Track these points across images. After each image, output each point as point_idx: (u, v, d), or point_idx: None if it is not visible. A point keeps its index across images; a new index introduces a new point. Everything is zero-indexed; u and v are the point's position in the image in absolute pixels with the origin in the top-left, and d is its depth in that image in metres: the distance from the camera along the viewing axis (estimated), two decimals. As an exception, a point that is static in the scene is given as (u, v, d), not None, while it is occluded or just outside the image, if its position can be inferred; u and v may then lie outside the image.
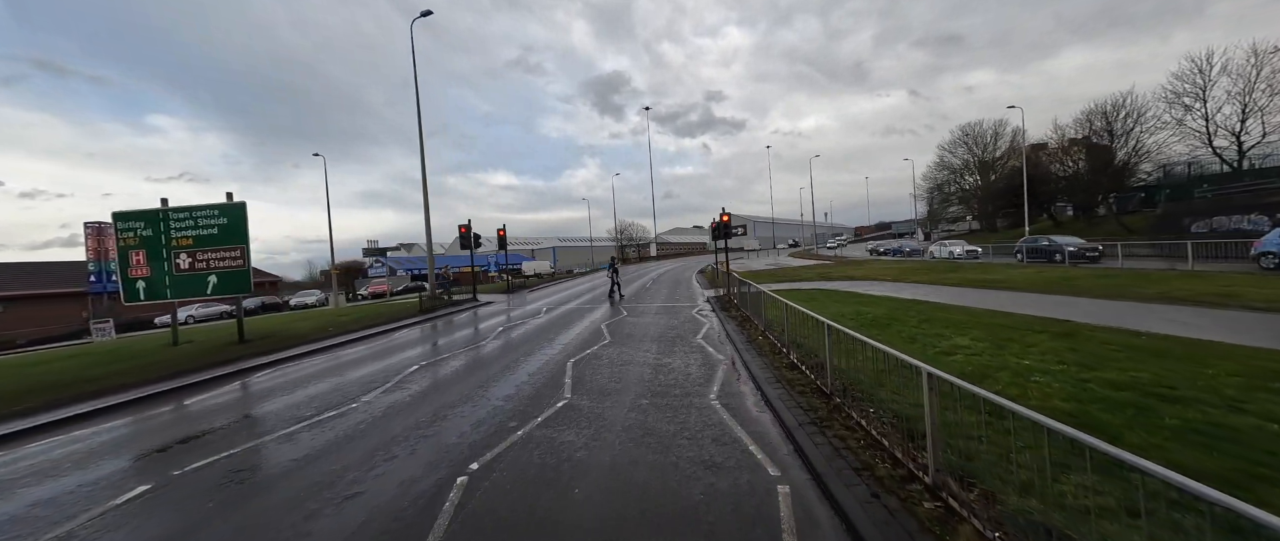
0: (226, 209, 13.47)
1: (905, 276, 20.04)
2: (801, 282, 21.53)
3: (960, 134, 66.08)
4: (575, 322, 14.13)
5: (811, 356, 7.58)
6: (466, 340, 12.18)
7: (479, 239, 21.36)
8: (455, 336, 13.05)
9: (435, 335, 13.70)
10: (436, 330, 14.43)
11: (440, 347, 11.54)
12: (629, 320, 14.15)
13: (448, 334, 13.53)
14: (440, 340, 12.60)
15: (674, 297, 19.96)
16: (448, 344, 11.93)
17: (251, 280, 13.64)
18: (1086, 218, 41.66)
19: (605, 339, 11.15)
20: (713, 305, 16.45)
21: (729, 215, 19.44)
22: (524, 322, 14.75)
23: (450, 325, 15.36)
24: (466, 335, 13.28)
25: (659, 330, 12.12)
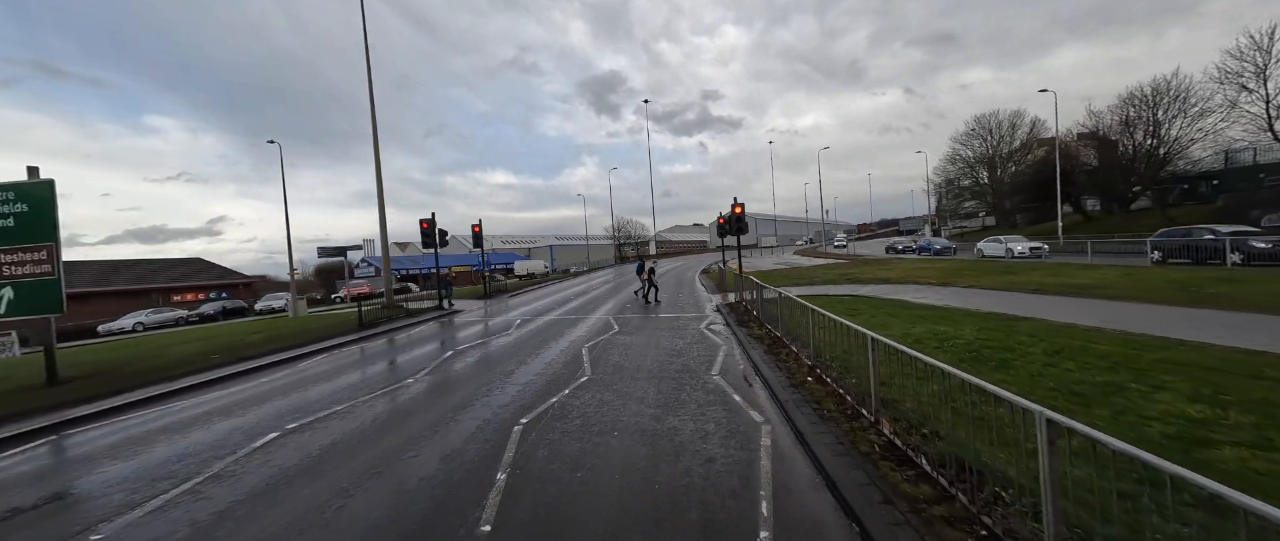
0: (25, 191, 9.23)
1: (955, 279, 16.75)
2: (826, 286, 18.29)
3: (975, 125, 62.93)
4: (550, 344, 10.88)
5: (921, 426, 4.35)
6: (383, 379, 8.62)
7: (445, 235, 18.14)
8: (372, 371, 9.57)
9: (361, 363, 10.43)
10: (361, 357, 11.13)
11: (345, 389, 8.29)
12: (620, 339, 10.91)
13: (369, 364, 10.19)
14: (355, 375, 9.25)
15: (677, 304, 16.72)
16: (358, 384, 8.63)
17: (63, 292, 9.34)
18: (1123, 211, 38.41)
19: (582, 375, 7.90)
20: (725, 316, 13.23)
21: (742, 206, 16.21)
22: (483, 344, 11.48)
23: (384, 348, 12.07)
24: (402, 364, 10.01)
25: (658, 358, 8.88)
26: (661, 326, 12.43)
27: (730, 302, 16.02)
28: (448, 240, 18.26)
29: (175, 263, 48.95)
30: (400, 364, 9.82)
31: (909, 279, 18.18)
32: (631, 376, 7.57)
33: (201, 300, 46.64)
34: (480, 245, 22.11)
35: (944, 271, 19.78)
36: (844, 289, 17.19)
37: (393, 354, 11.02)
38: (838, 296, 15.10)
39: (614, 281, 32.41)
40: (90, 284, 37.62)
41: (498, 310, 17.78)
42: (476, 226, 21.76)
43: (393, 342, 12.30)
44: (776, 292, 10.79)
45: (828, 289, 17.21)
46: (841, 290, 16.89)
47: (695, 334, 11.14)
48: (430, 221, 17.17)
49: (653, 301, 17.23)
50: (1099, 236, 29.71)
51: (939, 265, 22.78)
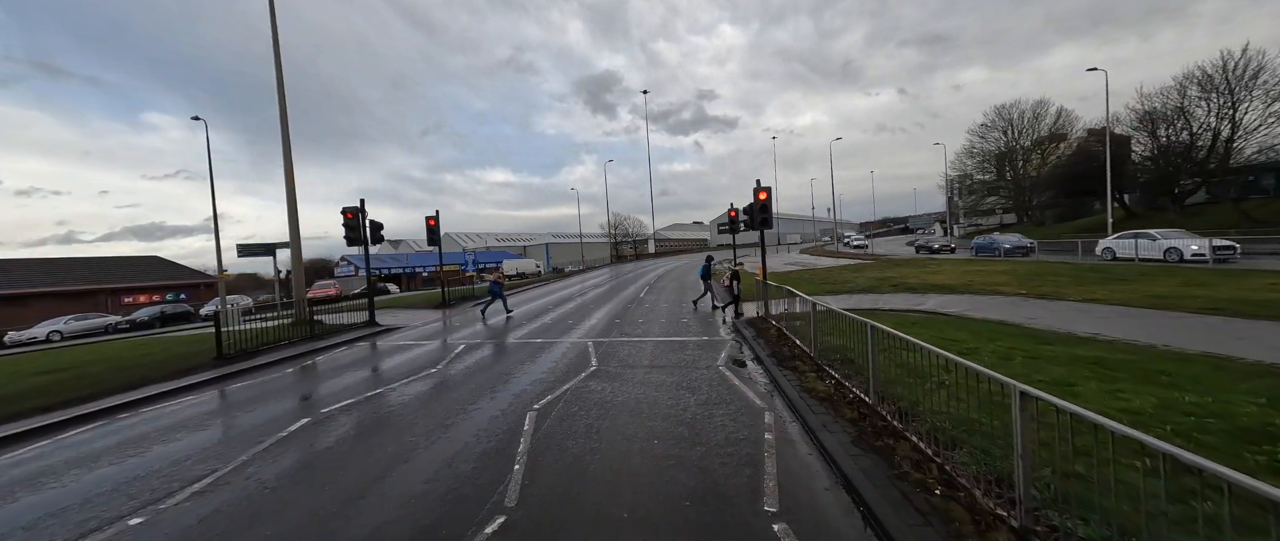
0: None
1: (1068, 290, 12.56)
2: (870, 296, 14.31)
3: (994, 117, 58.95)
4: (479, 402, 6.95)
5: None
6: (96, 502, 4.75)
7: (380, 229, 14.09)
8: (95, 479, 5.62)
9: (137, 448, 6.43)
10: (139, 444, 7.12)
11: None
12: (594, 391, 6.96)
13: (90, 468, 6.18)
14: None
15: (679, 320, 12.75)
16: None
17: None
18: (1178, 207, 34.39)
19: (500, 503, 3.92)
20: (748, 341, 9.30)
21: (768, 191, 12.19)
22: (368, 402, 7.49)
23: (187, 420, 8.05)
24: (169, 456, 6.01)
25: (655, 452, 4.95)
26: (661, 363, 8.42)
27: (749, 319, 12.04)
28: (381, 235, 14.21)
29: (129, 261, 44.90)
30: (167, 456, 5.79)
31: (980, 286, 14.16)
32: (597, 522, 3.60)
33: (159, 301, 42.82)
34: (437, 242, 18.06)
35: (1027, 278, 15.70)
36: (898, 300, 13.20)
37: (174, 436, 6.97)
38: (903, 313, 11.12)
39: (610, 283, 28.38)
40: (19, 284, 33.56)
41: (445, 328, 13.73)
42: (432, 219, 17.70)
43: (224, 397, 8.14)
44: (814, 305, 6.86)
45: (879, 300, 13.22)
46: (896, 301, 12.89)
47: (712, 381, 7.14)
48: (355, 211, 13.13)
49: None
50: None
51: (1019, 270, 18.31)
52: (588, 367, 8.20)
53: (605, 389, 6.90)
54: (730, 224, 21.41)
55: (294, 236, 13.72)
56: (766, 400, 6.15)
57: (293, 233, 13.67)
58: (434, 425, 5.78)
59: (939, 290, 14.33)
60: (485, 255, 70.49)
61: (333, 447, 5.32)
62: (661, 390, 6.75)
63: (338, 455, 5.11)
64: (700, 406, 5.99)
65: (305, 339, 11.61)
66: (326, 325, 12.84)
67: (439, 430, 5.58)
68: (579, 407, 6.14)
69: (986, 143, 60.37)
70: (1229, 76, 29.09)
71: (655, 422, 5.51)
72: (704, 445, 4.85)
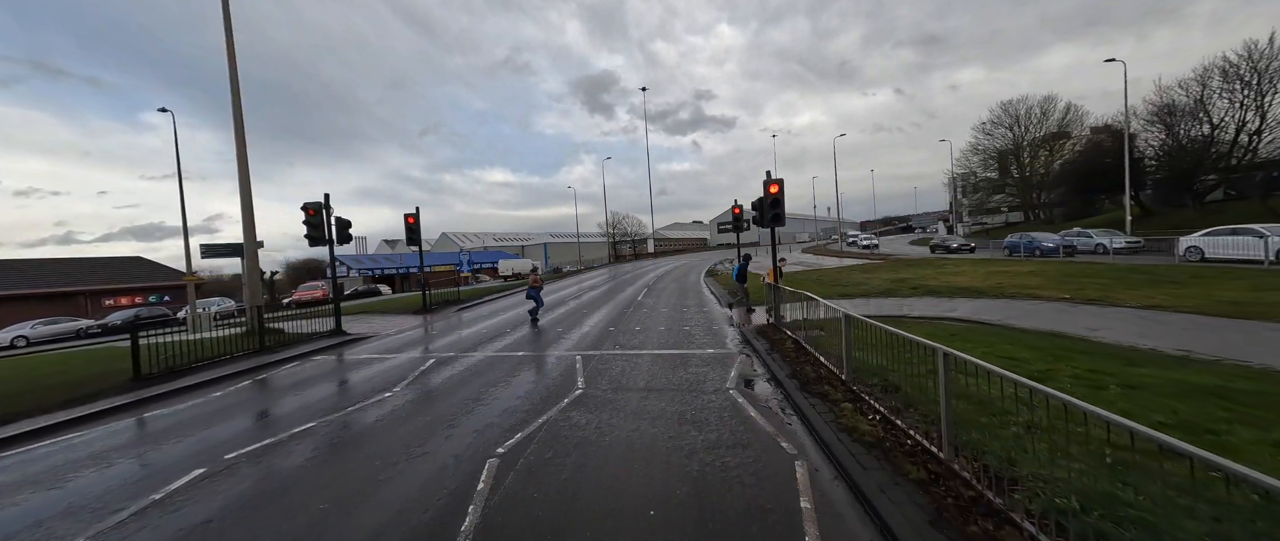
0: None
1: (1119, 293, 11.13)
2: (888, 299, 12.95)
3: (1000, 113, 57.58)
4: (431, 442, 5.59)
5: None
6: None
7: (348, 226, 12.66)
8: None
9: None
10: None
11: None
12: (578, 427, 5.66)
13: None
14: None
15: (681, 327, 11.38)
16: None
17: None
18: (1197, 204, 33.04)
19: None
20: (763, 357, 7.94)
21: (779, 184, 10.84)
22: (306, 436, 6.14)
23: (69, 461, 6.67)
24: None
25: (648, 528, 3.52)
26: (660, 384, 7.06)
27: (760, 327, 10.68)
28: (349, 234, 12.81)
29: (111, 262, 43.46)
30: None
31: (1012, 290, 12.79)
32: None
33: (139, 303, 41.48)
34: (417, 242, 16.63)
35: (1061, 280, 14.33)
36: (923, 305, 11.85)
37: (14, 496, 5.59)
38: (936, 321, 9.76)
39: (607, 284, 27.01)
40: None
41: (419, 338, 12.34)
42: (411, 217, 16.28)
43: (113, 435, 6.79)
44: (845, 316, 5.51)
45: (903, 305, 11.87)
46: (921, 306, 11.55)
47: (722, 411, 5.79)
48: (317, 207, 11.68)
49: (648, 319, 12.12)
50: (1188, 231, 24.36)
51: (1048, 271, 16.66)
52: (572, 390, 6.83)
53: (590, 423, 5.53)
54: (733, 222, 20.05)
55: (248, 234, 12.29)
56: (794, 441, 4.78)
57: (247, 229, 12.25)
58: (363, 482, 4.41)
59: (966, 294, 12.97)
60: (481, 255, 69.03)
61: (210, 523, 3.94)
62: (660, 424, 5.38)
63: (212, 534, 3.74)
64: (709, 451, 4.62)
65: (253, 352, 10.20)
66: (287, 334, 11.46)
67: (361, 495, 4.19)
68: (554, 453, 4.77)
69: (992, 139, 59.00)
70: (1255, 66, 27.75)
71: (652, 477, 4.15)
72: (718, 518, 3.49)
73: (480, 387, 7.25)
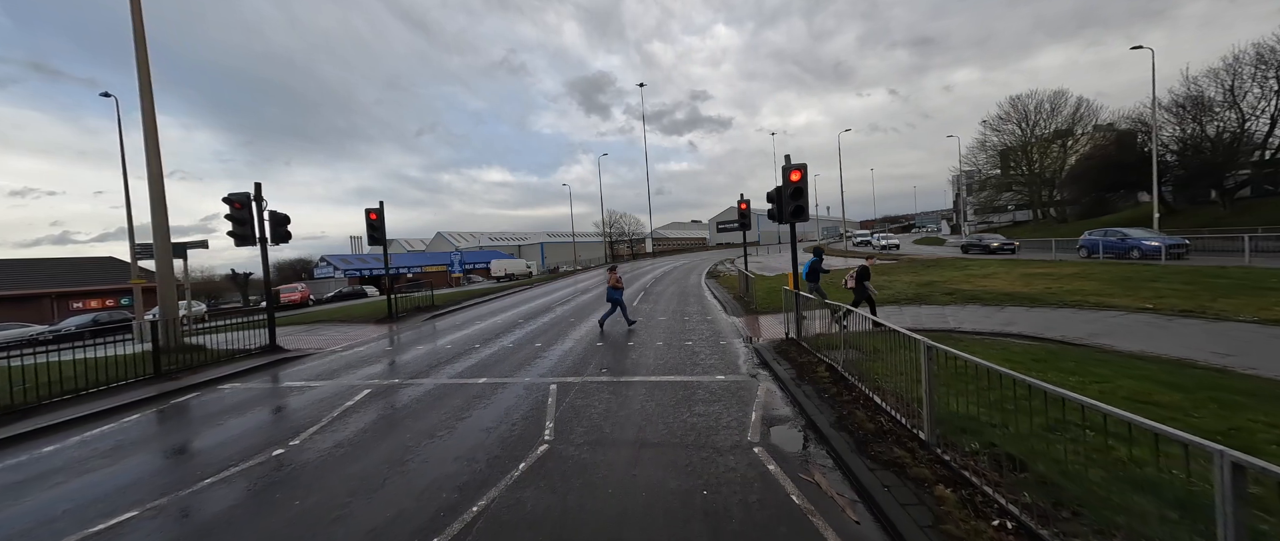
0: None
1: (1216, 302, 9.14)
2: (925, 307, 11.08)
3: (1009, 109, 55.73)
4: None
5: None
6: None
7: (285, 223, 10.63)
8: None
9: None
10: None
11: None
12: (526, 519, 3.64)
13: None
14: None
15: (682, 338, 9.50)
16: None
17: None
18: (1228, 201, 31.22)
19: None
20: (778, 379, 6.10)
21: (802, 170, 8.94)
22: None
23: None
24: None
25: None
26: (657, 434, 5.20)
27: (778, 344, 8.81)
28: (289, 232, 10.81)
29: (82, 263, 41.44)
30: None
31: (1065, 295, 10.90)
32: None
33: (110, 306, 39.55)
34: (381, 241, 14.65)
35: (1118, 283, 12.41)
36: (970, 314, 9.97)
37: None
38: (997, 338, 7.88)
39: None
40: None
41: (370, 355, 10.38)
42: (372, 213, 14.29)
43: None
44: (926, 348, 3.64)
45: (944, 315, 9.98)
46: (970, 318, 9.66)
47: (750, 488, 3.91)
48: (245, 201, 9.67)
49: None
50: (1228, 230, 22.55)
51: (1093, 273, 14.52)
52: (535, 446, 4.92)
53: (551, 513, 3.63)
54: (739, 218, 18.14)
55: (158, 226, 10.23)
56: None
57: (156, 222, 10.19)
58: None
59: (1014, 301, 11.09)
60: (475, 255, 67.03)
61: None
62: (659, 513, 3.49)
63: None
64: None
65: (149, 379, 8.23)
66: (208, 353, 9.50)
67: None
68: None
69: (1001, 136, 57.18)
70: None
71: None
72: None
73: (412, 439, 5.32)
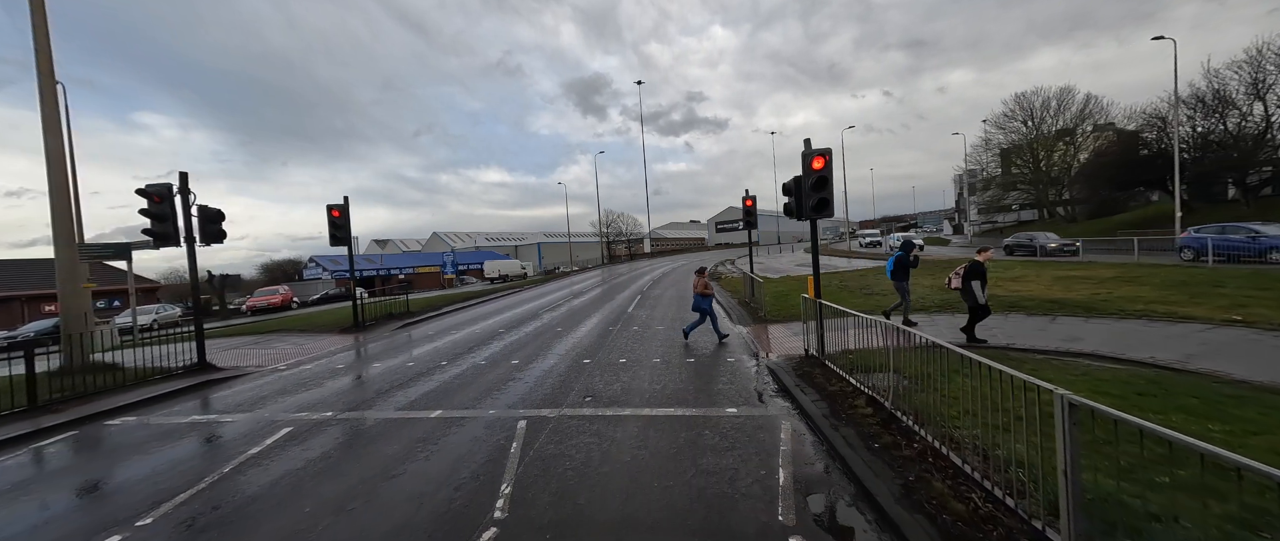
0: None
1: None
2: (964, 317, 9.60)
3: (1015, 106, 54.40)
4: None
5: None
6: None
7: (216, 220, 9.07)
8: None
9: None
10: None
11: None
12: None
13: None
14: None
15: (684, 355, 8.05)
16: None
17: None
18: (1252, 198, 29.88)
19: None
20: (806, 417, 4.64)
21: (825, 157, 7.50)
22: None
23: None
24: None
25: None
26: (653, 503, 3.74)
27: (795, 363, 7.38)
28: (223, 230, 9.29)
29: (50, 264, 39.56)
30: None
31: (1119, 302, 9.47)
32: None
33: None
34: (345, 241, 13.09)
35: (1175, 288, 10.98)
36: (1021, 328, 8.50)
37: None
38: (1074, 362, 6.45)
39: (596, 289, 23.65)
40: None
41: (315, 375, 8.87)
42: (335, 210, 12.75)
43: None
44: (1066, 403, 2.15)
45: (988, 328, 8.50)
46: (1027, 333, 8.20)
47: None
48: (164, 193, 8.00)
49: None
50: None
51: (1136, 276, 12.61)
52: (480, 530, 3.45)
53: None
54: (743, 216, 16.71)
55: (61, 229, 8.65)
56: None
57: (58, 223, 8.61)
58: None
59: (1058, 308, 9.68)
60: (469, 255, 65.38)
61: None
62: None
63: None
64: None
65: (23, 411, 6.71)
66: (122, 372, 8.00)
67: None
68: None
69: (1006, 134, 55.86)
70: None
71: None
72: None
73: (307, 520, 3.84)
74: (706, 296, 9.97)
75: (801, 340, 8.94)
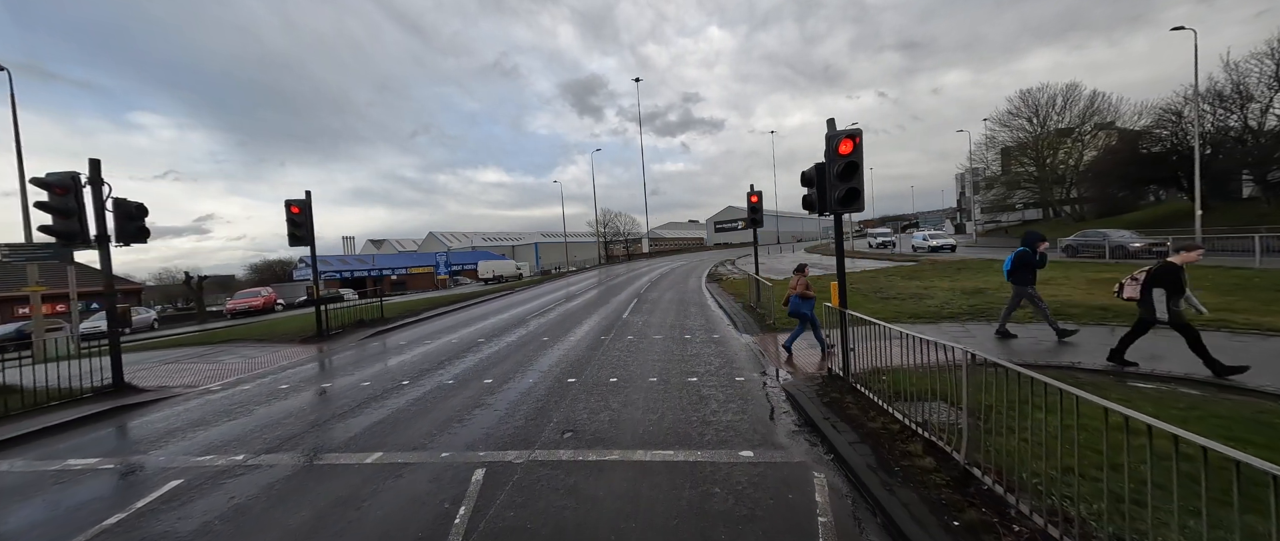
0: None
1: None
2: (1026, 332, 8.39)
3: (1018, 104, 53.32)
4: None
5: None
6: None
7: (137, 216, 7.79)
8: None
9: None
10: None
11: None
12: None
13: None
14: None
15: (685, 373, 6.85)
16: None
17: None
18: (1275, 195, 28.75)
19: None
20: (846, 469, 3.30)
21: (853, 141, 6.24)
22: None
23: None
24: None
25: None
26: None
27: (818, 385, 6.15)
28: (144, 228, 8.01)
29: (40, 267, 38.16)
30: None
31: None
32: None
33: (64, 312, 36.72)
34: (306, 241, 11.75)
35: (1240, 291, 9.77)
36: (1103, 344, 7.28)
37: None
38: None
39: (591, 291, 22.39)
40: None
41: (248, 400, 7.58)
42: (295, 206, 11.42)
43: None
44: None
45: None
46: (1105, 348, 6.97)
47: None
48: (68, 182, 6.49)
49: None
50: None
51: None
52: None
53: None
54: (749, 213, 15.42)
55: None
56: None
57: None
58: None
59: (1122, 318, 8.44)
60: (464, 256, 64.00)
61: None
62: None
63: None
64: None
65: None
66: (19, 395, 6.74)
67: None
68: None
69: (1011, 131, 54.78)
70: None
71: None
72: None
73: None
74: (809, 299, 8.02)
75: (820, 354, 7.74)
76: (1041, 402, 3.05)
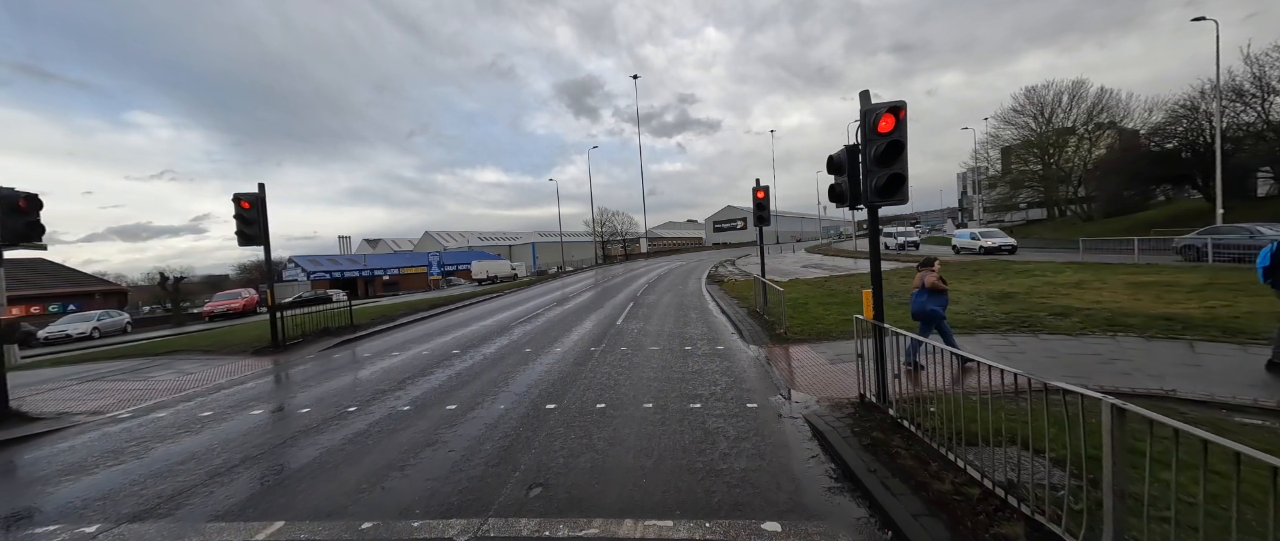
0: None
1: None
2: (1068, 345, 7.22)
3: (1024, 100, 52.22)
4: None
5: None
6: None
7: (32, 210, 6.58)
8: None
9: None
10: None
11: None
12: None
13: None
14: None
15: (685, 398, 5.64)
16: None
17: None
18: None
19: None
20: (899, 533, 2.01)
21: (896, 116, 5.01)
22: None
23: None
24: None
25: None
26: None
27: (850, 415, 4.93)
28: (40, 227, 6.76)
29: (10, 264, 36.77)
30: None
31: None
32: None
33: (39, 313, 35.48)
34: (258, 239, 10.46)
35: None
36: (1202, 365, 6.08)
37: None
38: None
39: (586, 293, 21.17)
40: None
41: (156, 432, 6.29)
42: (245, 202, 10.13)
43: None
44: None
45: (1133, 373, 6.10)
46: (1218, 373, 5.77)
47: None
48: None
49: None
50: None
51: (1228, 283, 10.79)
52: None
53: None
54: (756, 209, 14.16)
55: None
56: None
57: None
58: None
59: (1188, 327, 7.26)
60: (458, 255, 62.62)
61: None
62: None
63: None
64: None
65: None
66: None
67: None
68: None
69: (1015, 129, 53.67)
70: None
71: None
72: None
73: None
74: (942, 293, 6.63)
75: (846, 371, 6.52)
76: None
